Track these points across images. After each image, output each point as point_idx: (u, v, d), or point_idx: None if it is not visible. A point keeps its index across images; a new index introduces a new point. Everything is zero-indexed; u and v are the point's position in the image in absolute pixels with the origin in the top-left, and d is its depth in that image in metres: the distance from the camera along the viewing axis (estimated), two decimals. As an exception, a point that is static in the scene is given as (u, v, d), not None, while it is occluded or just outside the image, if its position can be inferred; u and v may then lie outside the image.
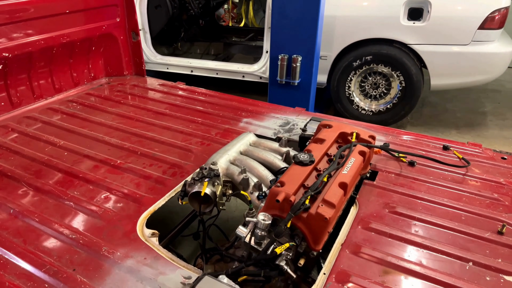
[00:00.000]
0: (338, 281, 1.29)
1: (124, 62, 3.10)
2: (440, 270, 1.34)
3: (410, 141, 2.20)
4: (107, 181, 1.80)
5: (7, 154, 2.03)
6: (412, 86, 3.86)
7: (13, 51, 2.31)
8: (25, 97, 2.56)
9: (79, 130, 2.29)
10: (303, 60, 3.14)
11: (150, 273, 1.31)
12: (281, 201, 1.39)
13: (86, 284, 1.27)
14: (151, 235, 1.50)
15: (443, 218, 1.59)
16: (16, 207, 1.62)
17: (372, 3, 3.75)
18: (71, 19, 2.61)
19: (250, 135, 2.02)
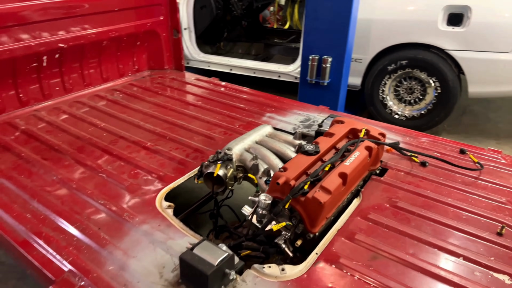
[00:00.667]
0: (326, 260, 1.40)
1: (165, 57, 3.36)
2: (428, 260, 1.40)
3: (427, 143, 2.23)
4: (136, 160, 2.03)
5: (57, 132, 2.33)
6: (448, 93, 3.79)
7: (68, 43, 2.63)
8: (76, 84, 2.88)
9: (119, 115, 2.56)
10: (333, 61, 3.22)
11: (161, 237, 1.50)
12: (281, 184, 1.52)
13: (107, 240, 1.48)
14: (167, 207, 1.69)
15: (443, 216, 1.63)
16: (58, 174, 1.89)
17: (410, 7, 3.73)
18: (120, 16, 2.90)
19: (267, 127, 2.16)
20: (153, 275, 1.33)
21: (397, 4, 3.80)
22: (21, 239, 1.49)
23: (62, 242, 1.47)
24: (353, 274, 1.34)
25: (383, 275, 1.33)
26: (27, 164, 1.98)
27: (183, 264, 1.25)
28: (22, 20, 2.35)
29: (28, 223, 1.57)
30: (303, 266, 1.39)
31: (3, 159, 2.03)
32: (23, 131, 2.33)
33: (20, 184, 1.82)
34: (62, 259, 1.39)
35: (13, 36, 2.35)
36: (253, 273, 1.35)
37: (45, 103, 2.70)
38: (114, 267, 1.36)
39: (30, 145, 2.18)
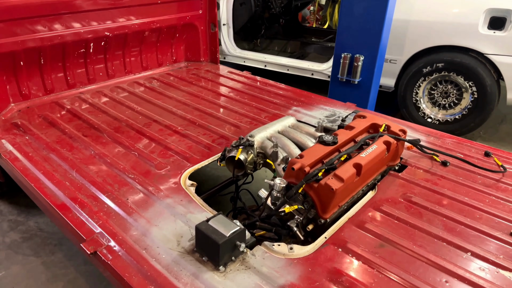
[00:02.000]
0: (334, 244, 1.47)
1: (202, 49, 3.52)
2: (435, 253, 1.43)
3: (451, 144, 2.21)
4: (166, 141, 2.18)
5: (97, 112, 2.53)
6: (485, 98, 3.67)
7: (113, 31, 2.84)
8: (118, 70, 3.10)
9: (154, 101, 2.73)
10: (365, 60, 3.23)
11: (182, 211, 1.62)
12: (296, 170, 1.60)
13: (133, 209, 1.62)
14: (191, 185, 1.82)
15: (457, 214, 1.64)
16: (96, 150, 2.07)
17: (449, 9, 3.66)
18: (162, 8, 3.08)
19: (290, 119, 2.23)
20: (171, 242, 1.45)
21: (437, 6, 3.73)
22: (59, 202, 1.67)
23: (94, 208, 1.63)
24: (358, 258, 1.40)
25: (387, 262, 1.38)
26: (69, 139, 2.19)
27: (198, 233, 1.37)
28: (74, 9, 2.57)
29: (66, 189, 1.75)
30: (310, 247, 1.46)
31: (49, 133, 2.25)
32: (69, 110, 2.55)
33: (62, 156, 2.01)
34: (93, 222, 1.55)
35: (65, 23, 2.57)
36: (263, 249, 1.44)
37: (89, 86, 2.92)
38: (138, 232, 1.50)
39: (74, 123, 2.39)
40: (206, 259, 1.37)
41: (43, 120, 2.42)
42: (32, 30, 2.43)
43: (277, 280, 1.30)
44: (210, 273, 1.32)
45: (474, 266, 1.38)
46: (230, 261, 1.36)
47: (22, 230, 2.71)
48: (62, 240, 2.63)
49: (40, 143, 2.13)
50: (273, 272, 1.33)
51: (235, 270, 1.34)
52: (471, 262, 1.40)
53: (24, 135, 2.23)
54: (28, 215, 2.84)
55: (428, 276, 1.33)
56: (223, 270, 1.33)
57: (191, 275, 1.31)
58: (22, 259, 2.47)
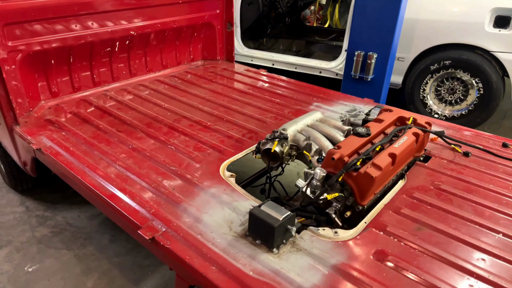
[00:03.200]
0: (375, 227, 1.57)
1: (218, 48, 3.61)
2: (470, 234, 1.54)
3: (469, 136, 2.33)
4: (199, 136, 2.26)
5: (126, 109, 2.61)
6: (490, 95, 3.82)
7: (138, 31, 2.91)
8: (140, 69, 3.17)
9: (179, 98, 2.81)
10: (378, 57, 3.35)
11: (227, 199, 1.72)
12: (336, 159, 1.70)
13: (181, 199, 1.71)
14: (230, 176, 1.91)
15: (484, 199, 1.75)
16: (133, 144, 2.15)
17: (456, 8, 3.79)
18: (182, 8, 3.16)
19: (317, 113, 2.33)
20: (223, 227, 1.54)
21: (444, 5, 3.86)
22: (109, 193, 1.75)
23: (143, 198, 1.71)
24: (400, 240, 1.50)
25: (427, 243, 1.48)
26: (105, 135, 2.26)
27: (252, 218, 1.46)
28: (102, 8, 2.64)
29: (113, 181, 1.82)
30: (353, 231, 1.56)
31: (84, 129, 2.32)
32: (97, 107, 2.63)
33: (102, 150, 2.09)
34: (145, 210, 1.63)
35: (94, 22, 2.64)
36: (310, 233, 1.53)
37: (113, 84, 3.00)
38: (190, 219, 1.59)
39: (105, 119, 2.46)
40: (259, 242, 1.46)
41: (75, 117, 2.49)
42: (65, 29, 2.50)
43: (328, 260, 1.40)
44: (265, 255, 1.41)
45: (507, 245, 1.49)
46: (282, 244, 1.46)
47: (51, 225, 2.78)
48: (91, 234, 2.70)
49: (78, 138, 2.20)
50: (323, 253, 1.43)
51: (287, 252, 1.43)
52: (503, 242, 1.51)
53: (60, 131, 2.30)
54: (54, 211, 2.91)
55: (466, 255, 1.44)
56: (277, 252, 1.42)
57: (248, 256, 1.40)
58: (54, 252, 2.54)
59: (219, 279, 1.31)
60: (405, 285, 1.30)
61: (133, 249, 2.56)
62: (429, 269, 1.37)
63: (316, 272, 1.35)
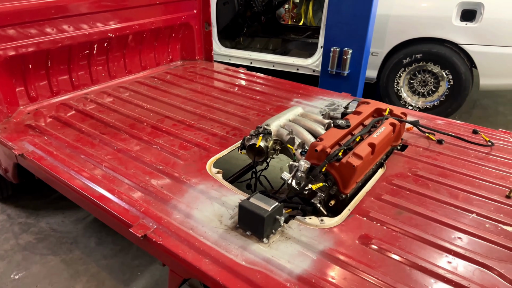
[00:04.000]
0: (359, 214, 1.65)
1: (197, 48, 3.63)
2: (446, 216, 1.64)
3: (442, 124, 2.46)
4: (184, 135, 2.29)
5: (108, 111, 2.61)
6: (460, 85, 4.00)
7: (116, 33, 2.90)
8: (119, 71, 3.16)
9: (160, 98, 2.83)
10: (353, 53, 3.46)
11: (216, 195, 1.76)
12: (319, 151, 1.77)
13: (170, 196, 1.74)
14: (217, 172, 1.95)
15: (458, 183, 1.86)
16: (118, 146, 2.16)
17: (425, 4, 3.95)
18: (160, 9, 3.17)
19: (299, 108, 2.40)
20: (214, 221, 1.59)
21: (414, 1, 4.02)
22: (97, 194, 1.76)
23: (132, 197, 1.73)
24: (382, 224, 1.59)
25: (408, 225, 1.57)
26: (88, 137, 2.26)
27: (241, 210, 1.51)
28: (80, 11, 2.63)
29: (101, 183, 1.83)
30: (338, 218, 1.64)
31: (66, 133, 2.31)
32: (78, 111, 2.61)
33: (87, 153, 2.09)
34: (135, 209, 1.65)
35: (72, 25, 2.62)
36: (297, 223, 1.60)
37: (93, 87, 2.97)
38: (180, 216, 1.62)
39: (87, 122, 2.45)
40: (249, 233, 1.51)
41: (56, 121, 2.47)
42: (41, 33, 2.47)
43: (316, 246, 1.46)
44: (256, 245, 1.46)
45: (480, 224, 1.60)
46: (271, 234, 1.51)
47: (35, 231, 2.74)
48: (77, 238, 2.68)
49: (61, 142, 2.19)
50: (311, 240, 1.49)
51: (277, 241, 1.49)
52: (477, 221, 1.62)
53: (41, 136, 2.27)
54: (38, 217, 2.87)
55: (444, 234, 1.54)
56: (267, 242, 1.48)
57: (239, 247, 1.45)
58: (40, 258, 2.51)
59: (213, 270, 1.35)
60: (389, 265, 1.38)
61: (121, 251, 2.56)
62: (410, 249, 1.45)
63: (306, 258, 1.41)
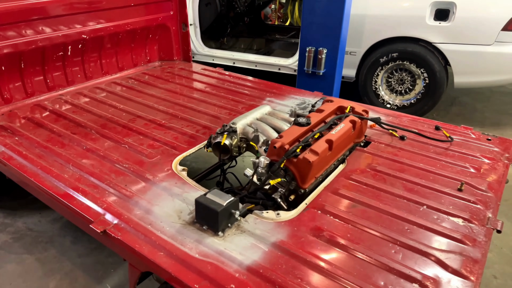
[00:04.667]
0: (314, 208, 1.71)
1: (175, 49, 3.68)
2: (398, 208, 1.70)
3: (407, 121, 2.53)
4: (153, 134, 2.34)
5: (81, 112, 2.65)
6: (435, 83, 4.08)
7: (90, 34, 2.94)
8: (95, 72, 3.20)
9: (135, 98, 2.87)
10: (328, 52, 3.52)
11: (178, 191, 1.81)
12: (278, 148, 1.83)
13: (133, 193, 1.79)
14: (182, 170, 2.00)
15: (414, 177, 1.93)
16: (87, 145, 2.20)
17: (400, 4, 4.03)
18: (135, 10, 3.21)
19: (267, 107, 2.46)
20: (172, 217, 1.64)
21: (389, 1, 4.09)
22: (62, 192, 1.81)
23: (96, 195, 1.78)
24: (335, 217, 1.65)
25: (360, 218, 1.63)
26: (59, 137, 2.30)
27: (197, 205, 1.56)
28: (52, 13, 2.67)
29: (66, 181, 1.88)
30: (294, 212, 1.70)
31: (38, 133, 2.35)
32: (52, 111, 2.65)
33: (55, 152, 2.13)
34: (97, 206, 1.70)
35: (44, 27, 2.66)
36: (254, 216, 1.65)
37: (68, 88, 3.01)
38: (141, 212, 1.67)
39: (60, 122, 2.49)
40: (206, 228, 1.56)
41: (29, 122, 2.51)
42: (13, 36, 2.51)
43: (269, 238, 1.52)
44: (211, 238, 1.52)
45: (429, 215, 1.67)
46: (227, 227, 1.57)
47: (11, 231, 2.77)
48: (52, 237, 2.72)
49: (31, 142, 2.23)
50: (265, 233, 1.55)
51: (232, 234, 1.55)
52: (427, 213, 1.68)
53: (13, 136, 2.31)
54: (15, 217, 2.90)
55: (393, 226, 1.60)
56: (222, 235, 1.53)
57: (195, 241, 1.50)
58: (15, 257, 2.54)
59: (167, 263, 1.40)
60: (337, 256, 1.44)
61: (95, 249, 2.60)
62: (359, 240, 1.52)
63: (257, 250, 1.47)
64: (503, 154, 2.15)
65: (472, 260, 1.42)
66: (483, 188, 1.84)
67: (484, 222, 1.63)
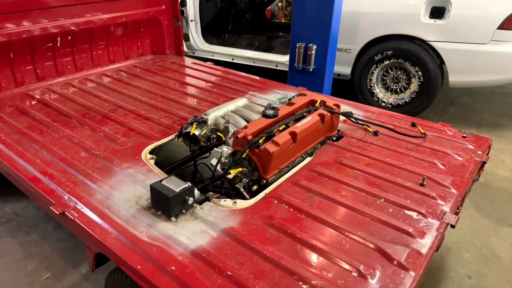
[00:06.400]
0: (271, 197, 1.73)
1: (167, 43, 3.73)
2: (354, 200, 1.70)
3: (384, 117, 2.51)
4: (130, 123, 2.39)
5: (66, 101, 2.72)
6: (430, 82, 4.03)
7: (79, 26, 3.02)
8: (86, 64, 3.28)
9: (120, 90, 2.94)
10: (318, 48, 3.51)
11: (142, 178, 1.85)
12: (240, 138, 1.85)
13: (98, 179, 1.84)
14: (150, 158, 2.05)
15: (379, 171, 1.93)
16: (64, 132, 2.27)
17: (394, 1, 3.99)
18: (125, 4, 3.28)
19: (243, 99, 2.48)
20: (130, 202, 1.68)
21: (384, -2, 4.06)
22: (31, 175, 1.87)
23: (62, 179, 1.84)
24: (290, 206, 1.66)
25: (314, 208, 1.65)
26: (39, 125, 2.37)
27: (152, 190, 1.60)
28: (40, 5, 2.75)
29: (37, 165, 1.94)
30: (251, 201, 1.72)
31: (20, 121, 2.43)
32: (39, 100, 2.73)
33: (32, 138, 2.20)
34: (61, 189, 1.76)
35: (32, 19, 2.75)
36: (211, 204, 1.68)
37: (58, 79, 3.10)
38: (101, 196, 1.72)
39: (44, 111, 2.57)
40: (160, 213, 1.60)
41: (15, 110, 2.59)
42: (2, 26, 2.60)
43: (220, 225, 1.55)
44: (163, 223, 1.55)
45: (385, 208, 1.66)
46: (181, 214, 1.60)
47: (-2, 215, 2.87)
48: (37, 222, 2.80)
49: (12, 129, 2.31)
50: (217, 219, 1.58)
51: (185, 220, 1.58)
52: (383, 206, 1.68)
53: (-4, 123, 2.40)
54: (4, 202, 3.00)
55: (346, 217, 1.61)
56: (175, 221, 1.57)
57: (147, 225, 1.54)
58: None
59: (115, 245, 1.45)
60: (282, 243, 1.46)
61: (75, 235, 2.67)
62: (307, 229, 1.53)
63: (206, 235, 1.50)
64: (475, 152, 2.12)
65: (416, 253, 1.42)
66: (446, 184, 1.82)
67: (439, 216, 1.62)
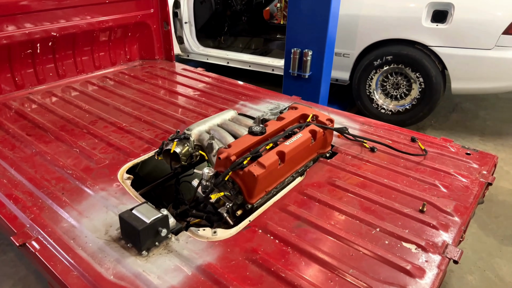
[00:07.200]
0: (255, 226, 1.56)
1: (156, 48, 3.57)
2: (346, 230, 1.54)
3: (382, 131, 2.35)
4: (110, 138, 2.23)
5: (44, 112, 2.56)
6: (431, 88, 3.85)
7: (60, 32, 2.86)
8: (69, 70, 3.12)
9: (103, 99, 2.77)
10: (313, 54, 3.35)
11: (115, 202, 1.69)
12: (222, 159, 1.69)
13: (67, 203, 1.68)
14: (127, 179, 1.88)
15: (375, 194, 1.76)
16: (37, 148, 2.11)
17: (395, 4, 3.81)
18: (110, 8, 3.11)
19: (231, 112, 2.32)
20: (99, 231, 1.52)
21: (383, 1, 3.88)
22: (-6, 199, 1.71)
23: (28, 203, 1.68)
24: (275, 238, 1.50)
25: (301, 240, 1.48)
26: (12, 139, 2.22)
27: (121, 221, 1.44)
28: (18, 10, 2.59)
29: (3, 186, 1.79)
30: (234, 230, 1.56)
31: (-8, 134, 2.27)
32: (16, 111, 2.57)
33: (3, 155, 2.04)
34: (25, 216, 1.60)
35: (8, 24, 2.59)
36: (188, 234, 1.52)
37: (39, 87, 2.94)
38: (68, 224, 1.56)
39: (19, 123, 2.41)
40: (130, 246, 1.44)
41: (-12, 121, 2.44)
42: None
43: (196, 261, 1.39)
44: (132, 258, 1.39)
45: (380, 240, 1.50)
46: (154, 246, 1.44)
47: (-27, 232, 2.72)
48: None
49: (-18, 144, 2.15)
50: (193, 254, 1.42)
51: (157, 254, 1.42)
52: (378, 236, 1.52)
53: (-34, 137, 2.24)
54: (-20, 217, 2.84)
55: (336, 251, 1.44)
56: (146, 255, 1.41)
57: (114, 260, 1.38)
58: (-28, 260, 2.48)
59: (76, 285, 1.29)
60: (264, 283, 1.30)
61: (54, 254, 2.51)
62: (293, 267, 1.37)
63: (179, 274, 1.34)
64: (480, 171, 1.96)
65: (415, 297, 1.26)
66: (448, 210, 1.66)
67: (440, 250, 1.45)
